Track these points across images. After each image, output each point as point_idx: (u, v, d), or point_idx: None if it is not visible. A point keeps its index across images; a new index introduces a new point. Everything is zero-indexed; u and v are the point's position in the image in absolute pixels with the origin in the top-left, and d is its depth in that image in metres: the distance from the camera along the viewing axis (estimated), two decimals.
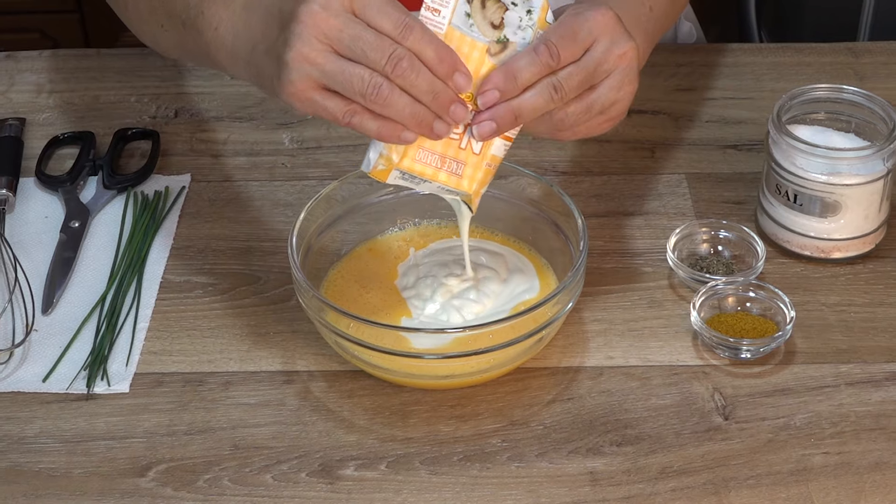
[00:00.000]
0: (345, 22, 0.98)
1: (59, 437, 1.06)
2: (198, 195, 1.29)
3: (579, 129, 1.06)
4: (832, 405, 1.07)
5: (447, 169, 1.04)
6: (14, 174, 1.31)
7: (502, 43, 1.03)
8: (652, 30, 1.18)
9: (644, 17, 1.16)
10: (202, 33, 1.10)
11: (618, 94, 1.05)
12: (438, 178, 1.05)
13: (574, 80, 1.03)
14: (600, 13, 1.03)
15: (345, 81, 0.98)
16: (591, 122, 1.06)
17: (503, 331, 1.05)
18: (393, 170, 1.03)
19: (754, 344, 1.10)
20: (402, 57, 0.98)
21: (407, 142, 1.01)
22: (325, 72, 0.98)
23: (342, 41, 0.98)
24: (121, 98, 1.42)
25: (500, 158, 1.06)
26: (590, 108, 1.04)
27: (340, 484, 1.02)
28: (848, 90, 1.21)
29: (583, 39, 1.03)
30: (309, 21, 0.98)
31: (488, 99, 1.02)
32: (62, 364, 1.11)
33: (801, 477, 1.02)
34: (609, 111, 1.06)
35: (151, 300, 1.17)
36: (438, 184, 1.05)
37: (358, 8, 0.98)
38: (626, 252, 1.22)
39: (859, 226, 1.18)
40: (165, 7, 1.15)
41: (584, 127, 1.06)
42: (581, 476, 1.02)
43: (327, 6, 0.98)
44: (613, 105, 1.05)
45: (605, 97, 1.04)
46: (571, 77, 1.02)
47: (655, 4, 1.18)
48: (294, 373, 1.11)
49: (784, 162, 1.18)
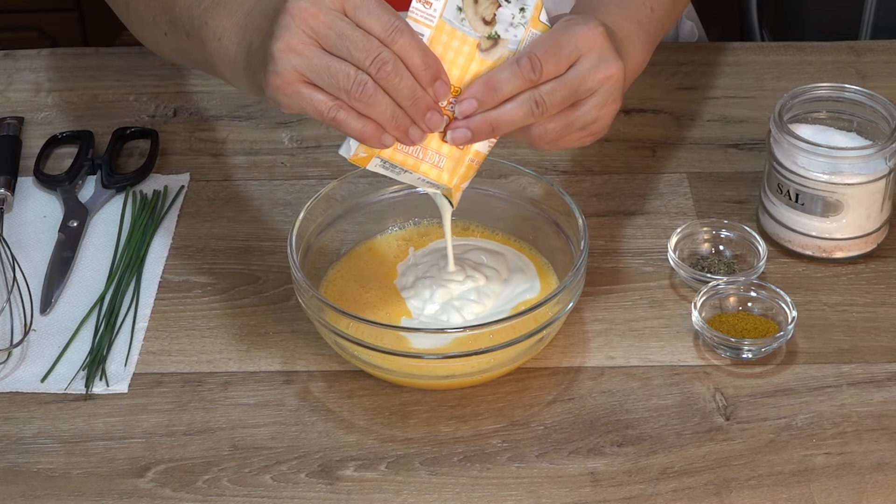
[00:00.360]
0: (333, 19, 0.98)
1: (58, 438, 1.06)
2: (197, 194, 1.29)
3: (558, 142, 1.05)
4: (834, 405, 1.07)
5: (429, 161, 1.04)
6: (12, 173, 1.31)
7: (493, 39, 1.03)
8: (654, 31, 1.17)
9: (646, 18, 1.16)
10: (205, 44, 1.10)
11: (599, 112, 1.04)
12: (419, 168, 1.04)
13: (556, 97, 1.02)
14: (589, 28, 1.02)
15: (330, 77, 0.98)
16: (571, 136, 1.05)
17: (503, 331, 1.05)
18: (374, 157, 1.03)
19: (756, 344, 1.10)
20: (387, 60, 0.98)
21: (386, 146, 1.01)
22: (310, 65, 0.98)
23: (329, 37, 0.98)
24: (119, 97, 1.42)
25: (484, 154, 1.06)
26: (570, 125, 1.04)
27: (340, 484, 1.02)
28: (850, 89, 1.21)
29: (568, 55, 1.01)
30: (297, 14, 0.98)
31: (465, 108, 1.01)
32: (60, 364, 1.11)
33: (803, 477, 1.02)
34: (590, 128, 1.05)
35: (150, 300, 1.17)
36: (419, 175, 1.05)
37: (349, 8, 0.98)
38: (627, 252, 1.22)
39: (861, 225, 1.18)
40: (168, 15, 1.15)
41: (563, 141, 1.05)
42: (582, 476, 1.02)
43: (317, 2, 0.98)
44: (594, 123, 1.05)
45: (586, 115, 1.04)
46: (554, 93, 1.01)
47: (657, 5, 1.17)
48: (293, 373, 1.11)
49: (786, 161, 1.18)
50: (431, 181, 1.06)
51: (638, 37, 1.13)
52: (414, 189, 1.19)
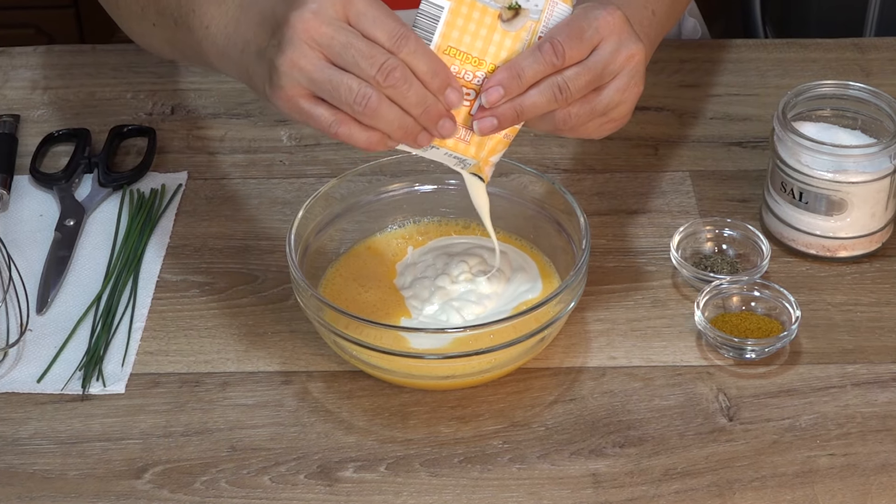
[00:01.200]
0: (336, 29, 0.98)
1: (54, 439, 1.06)
2: (194, 193, 1.29)
3: (582, 129, 1.06)
4: (838, 406, 1.07)
5: (455, 135, 1.04)
6: (8, 172, 1.31)
7: (514, 9, 1.02)
8: (654, 35, 1.18)
9: (647, 20, 1.16)
10: (193, 31, 1.10)
11: (623, 95, 1.05)
12: (446, 144, 1.04)
13: (580, 81, 1.02)
14: (608, 13, 1.03)
15: (332, 90, 0.98)
16: (593, 122, 1.06)
17: (504, 330, 1.05)
18: None
19: (759, 344, 1.10)
20: (394, 67, 0.98)
21: (390, 147, 1.01)
22: (313, 80, 0.98)
23: (333, 48, 0.98)
24: (116, 95, 1.42)
25: (516, 128, 1.05)
26: (593, 109, 1.04)
27: (339, 486, 1.02)
28: (854, 86, 1.21)
29: (590, 39, 1.02)
30: (300, 27, 0.98)
31: (491, 97, 1.02)
32: (57, 364, 1.11)
33: (807, 479, 1.02)
34: (612, 113, 1.06)
35: (147, 299, 1.17)
36: (445, 150, 1.04)
37: (352, 16, 0.98)
38: (629, 251, 1.22)
39: (866, 224, 1.18)
40: (157, 6, 1.16)
41: (585, 128, 1.06)
42: (583, 478, 1.02)
43: (319, 13, 0.98)
44: (618, 107, 1.05)
45: (609, 98, 1.05)
46: (578, 77, 1.02)
47: (658, 8, 1.18)
48: (292, 373, 1.11)
49: (789, 159, 1.17)
50: (458, 155, 1.05)
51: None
52: (414, 187, 1.19)
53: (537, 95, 1.02)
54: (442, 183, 1.20)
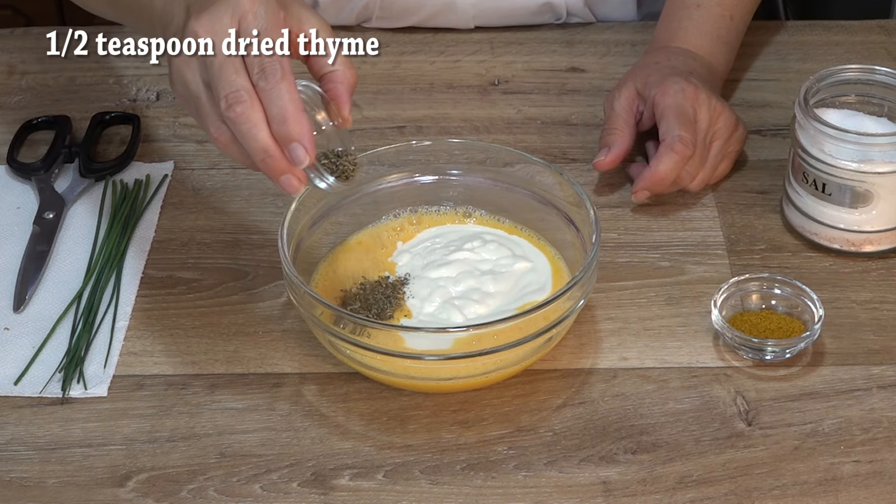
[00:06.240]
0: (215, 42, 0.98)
1: (32, 445, 1.06)
2: (181, 184, 1.29)
3: (706, 182, 1.25)
4: (863, 410, 1.07)
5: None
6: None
7: None
8: (734, 39, 1.35)
9: (724, 29, 1.33)
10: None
11: (726, 149, 1.25)
12: None
13: (697, 159, 1.22)
14: (681, 85, 1.22)
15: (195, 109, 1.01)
16: (716, 173, 1.26)
17: (510, 330, 1.05)
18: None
19: (780, 345, 1.10)
20: (239, 100, 0.97)
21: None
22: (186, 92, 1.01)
23: (204, 64, 0.99)
24: (98, 80, 1.43)
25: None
26: (712, 166, 1.24)
27: (334, 494, 1.02)
28: (880, 71, 1.21)
29: (692, 117, 1.22)
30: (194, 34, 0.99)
31: (640, 198, 1.23)
32: (35, 366, 1.11)
33: (830, 487, 1.02)
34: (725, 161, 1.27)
35: (131, 297, 1.17)
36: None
37: (243, 30, 0.99)
38: (642, 245, 1.22)
39: (892, 217, 1.18)
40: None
41: (711, 179, 1.26)
42: (593, 486, 1.02)
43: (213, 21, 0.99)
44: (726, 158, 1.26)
45: (719, 154, 1.25)
46: (695, 158, 1.22)
47: (736, 12, 1.34)
48: (284, 375, 1.11)
49: (811, 148, 1.17)
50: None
51: (719, 50, 1.32)
52: (413, 177, 1.19)
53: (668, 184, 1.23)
54: (444, 174, 1.20)
